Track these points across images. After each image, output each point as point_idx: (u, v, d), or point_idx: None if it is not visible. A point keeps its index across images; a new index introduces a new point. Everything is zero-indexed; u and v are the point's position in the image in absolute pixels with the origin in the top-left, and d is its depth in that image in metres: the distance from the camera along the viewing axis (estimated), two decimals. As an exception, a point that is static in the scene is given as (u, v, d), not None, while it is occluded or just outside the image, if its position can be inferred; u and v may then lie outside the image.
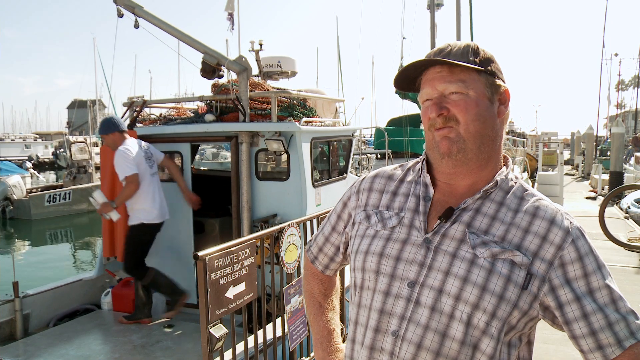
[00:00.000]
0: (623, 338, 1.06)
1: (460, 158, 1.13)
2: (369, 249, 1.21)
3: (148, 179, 4.32)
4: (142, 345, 4.04)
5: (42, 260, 12.37)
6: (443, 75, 1.13)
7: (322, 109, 5.23)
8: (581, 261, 1.09)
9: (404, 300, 1.12)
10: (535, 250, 1.09)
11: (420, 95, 1.19)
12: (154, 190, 4.37)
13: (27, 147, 34.99)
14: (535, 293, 1.09)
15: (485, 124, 1.14)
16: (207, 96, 4.90)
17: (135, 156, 4.24)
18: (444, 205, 1.17)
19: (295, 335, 3.07)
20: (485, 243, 1.10)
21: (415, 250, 1.15)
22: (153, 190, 4.36)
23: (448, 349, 1.08)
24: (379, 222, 1.23)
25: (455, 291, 1.08)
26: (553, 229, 1.10)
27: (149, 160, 4.40)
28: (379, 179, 1.32)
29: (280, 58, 5.40)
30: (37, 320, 4.55)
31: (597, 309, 1.07)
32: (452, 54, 1.14)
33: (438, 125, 1.14)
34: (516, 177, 1.20)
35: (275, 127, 4.44)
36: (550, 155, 21.71)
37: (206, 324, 2.28)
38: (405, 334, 1.11)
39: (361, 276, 1.22)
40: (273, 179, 4.72)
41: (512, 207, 1.14)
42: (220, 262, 2.37)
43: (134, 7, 4.53)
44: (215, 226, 5.36)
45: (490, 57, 1.18)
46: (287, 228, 3.01)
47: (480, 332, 1.08)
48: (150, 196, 4.34)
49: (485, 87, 1.14)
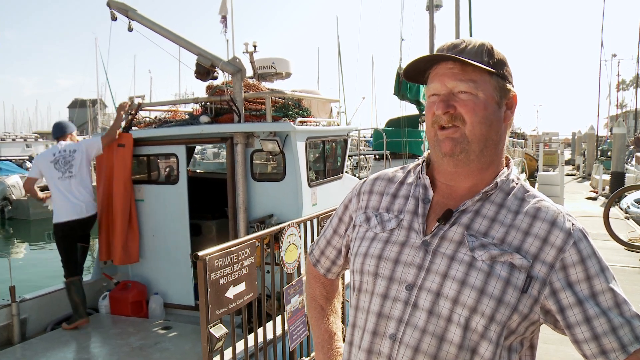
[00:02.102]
0: (627, 343, 1.03)
1: (462, 159, 1.11)
2: (367, 252, 1.19)
3: (54, 182, 4.61)
4: (140, 347, 4.05)
5: (40, 261, 12.37)
6: (455, 72, 1.11)
7: (317, 109, 5.22)
8: (583, 264, 1.06)
9: (401, 303, 1.11)
10: (535, 253, 1.07)
11: (427, 89, 1.17)
12: (59, 192, 4.60)
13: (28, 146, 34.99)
14: (536, 296, 1.06)
15: (491, 127, 1.12)
16: (201, 98, 4.91)
17: (39, 162, 4.69)
18: (443, 207, 1.15)
19: (295, 335, 3.06)
20: (484, 245, 1.08)
21: (413, 253, 1.13)
22: (59, 192, 4.60)
23: (446, 352, 1.06)
24: (379, 225, 1.22)
25: (453, 294, 1.07)
26: (554, 231, 1.07)
27: (61, 164, 4.62)
28: (380, 181, 1.32)
29: (275, 59, 5.39)
30: (35, 324, 4.54)
31: (600, 313, 1.04)
32: (466, 52, 1.11)
33: (443, 123, 1.11)
34: (518, 178, 1.18)
35: (270, 127, 4.44)
36: (551, 156, 21.70)
37: (206, 324, 2.28)
38: (402, 338, 1.09)
39: (359, 279, 1.20)
40: (269, 180, 4.72)
41: (512, 208, 1.12)
42: (221, 262, 2.37)
43: (128, 10, 4.54)
44: (212, 228, 5.36)
45: (503, 60, 1.16)
46: (287, 228, 3.01)
47: (479, 336, 1.06)
48: (56, 198, 4.63)
49: (495, 90, 1.12)
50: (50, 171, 4.60)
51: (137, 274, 5.08)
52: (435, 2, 13.54)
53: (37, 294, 4.64)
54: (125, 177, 4.73)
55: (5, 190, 16.45)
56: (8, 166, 20.74)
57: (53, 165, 4.60)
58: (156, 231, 4.95)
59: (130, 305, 4.71)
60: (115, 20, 4.57)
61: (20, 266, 11.33)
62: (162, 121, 5.12)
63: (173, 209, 4.83)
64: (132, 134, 4.80)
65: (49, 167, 4.61)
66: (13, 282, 4.32)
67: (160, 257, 4.95)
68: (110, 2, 4.59)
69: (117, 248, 4.72)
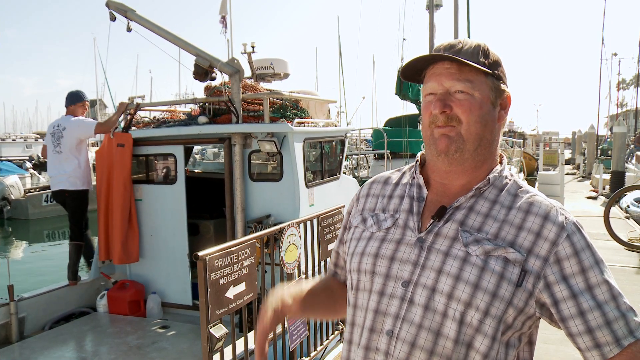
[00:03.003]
0: (622, 336, 1.04)
1: (457, 157, 1.13)
2: (364, 251, 1.21)
3: (49, 153, 4.99)
4: (138, 346, 4.05)
5: (39, 261, 12.38)
6: (451, 72, 1.12)
7: (315, 110, 5.23)
8: (577, 256, 1.07)
9: (398, 300, 1.12)
10: (529, 247, 1.08)
11: (423, 88, 1.19)
12: (51, 163, 4.98)
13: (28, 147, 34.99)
14: (531, 290, 1.07)
15: (485, 126, 1.14)
16: (199, 98, 4.92)
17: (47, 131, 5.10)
18: (437, 205, 1.17)
19: (295, 335, 3.07)
20: (478, 241, 1.09)
21: (409, 250, 1.15)
22: (51, 163, 4.99)
23: (442, 347, 1.08)
24: (375, 224, 1.24)
25: (447, 289, 1.08)
26: (547, 224, 1.09)
27: (55, 138, 4.93)
28: (376, 184, 1.35)
29: (273, 60, 5.40)
30: (33, 323, 4.55)
31: (595, 306, 1.05)
32: (463, 52, 1.14)
33: (439, 123, 1.13)
34: (511, 175, 1.20)
35: (268, 128, 4.44)
36: (551, 155, 21.68)
37: (206, 324, 2.29)
38: (399, 333, 1.10)
39: (357, 277, 1.22)
40: (266, 180, 4.73)
41: (505, 204, 1.13)
42: (221, 262, 2.38)
43: (126, 10, 4.54)
44: (210, 228, 5.37)
45: (498, 61, 1.18)
46: (287, 228, 3.01)
47: (474, 330, 1.07)
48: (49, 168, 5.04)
49: (490, 90, 1.14)
50: (48, 142, 5.01)
51: (135, 273, 5.09)
52: (435, 2, 13.54)
53: (36, 293, 4.66)
54: (124, 176, 4.73)
55: (4, 191, 16.46)
56: (8, 166, 20.72)
57: (50, 137, 4.97)
58: (154, 231, 4.97)
59: (128, 304, 4.72)
60: (114, 21, 4.57)
61: (19, 266, 11.34)
62: (160, 121, 5.12)
63: (171, 208, 4.84)
64: (131, 134, 4.80)
65: (48, 138, 5.01)
66: (11, 281, 4.33)
67: (158, 256, 4.96)
68: (109, 3, 4.58)
69: (117, 247, 4.73)
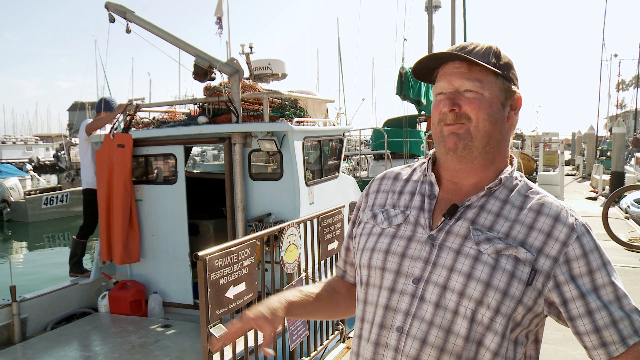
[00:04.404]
0: (627, 336, 1.07)
1: (466, 155, 1.14)
2: (375, 247, 1.22)
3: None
4: (141, 345, 4.07)
5: (39, 263, 12.38)
6: (462, 71, 1.14)
7: (313, 109, 5.26)
8: (586, 258, 1.09)
9: (408, 297, 1.13)
10: (539, 247, 1.09)
11: (434, 88, 1.20)
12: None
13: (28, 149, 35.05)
14: (540, 289, 1.09)
15: (494, 125, 1.15)
16: (199, 99, 4.94)
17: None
18: (448, 203, 1.18)
19: (295, 335, 3.07)
20: (489, 239, 1.10)
21: (420, 247, 1.16)
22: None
23: (452, 344, 1.09)
24: (385, 220, 1.24)
25: (459, 287, 1.09)
26: (558, 225, 1.10)
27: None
28: (386, 180, 1.34)
29: (271, 60, 5.42)
30: (35, 324, 4.57)
31: (602, 306, 1.07)
32: (474, 53, 1.15)
33: (449, 121, 1.14)
34: (521, 176, 1.21)
35: (268, 127, 4.46)
36: (551, 156, 21.64)
37: (206, 324, 2.29)
38: (410, 330, 1.11)
39: (367, 273, 1.22)
40: (266, 179, 4.74)
41: (516, 204, 1.15)
42: (221, 262, 2.38)
43: (125, 12, 4.56)
44: (210, 228, 5.38)
45: (510, 63, 1.19)
46: (287, 228, 3.01)
47: (484, 328, 1.08)
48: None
49: (500, 90, 1.15)
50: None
51: (136, 273, 5.11)
52: (434, 3, 13.59)
53: (37, 294, 4.68)
54: (125, 177, 4.75)
55: (4, 193, 16.44)
56: (8, 169, 20.72)
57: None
58: (155, 231, 4.98)
59: (129, 304, 4.73)
60: (113, 22, 4.59)
61: (19, 267, 11.34)
62: (160, 122, 5.14)
63: (171, 208, 4.86)
64: (132, 135, 4.82)
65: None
66: (13, 282, 4.35)
67: (159, 256, 4.98)
68: (108, 4, 4.60)
69: (118, 248, 4.74)
